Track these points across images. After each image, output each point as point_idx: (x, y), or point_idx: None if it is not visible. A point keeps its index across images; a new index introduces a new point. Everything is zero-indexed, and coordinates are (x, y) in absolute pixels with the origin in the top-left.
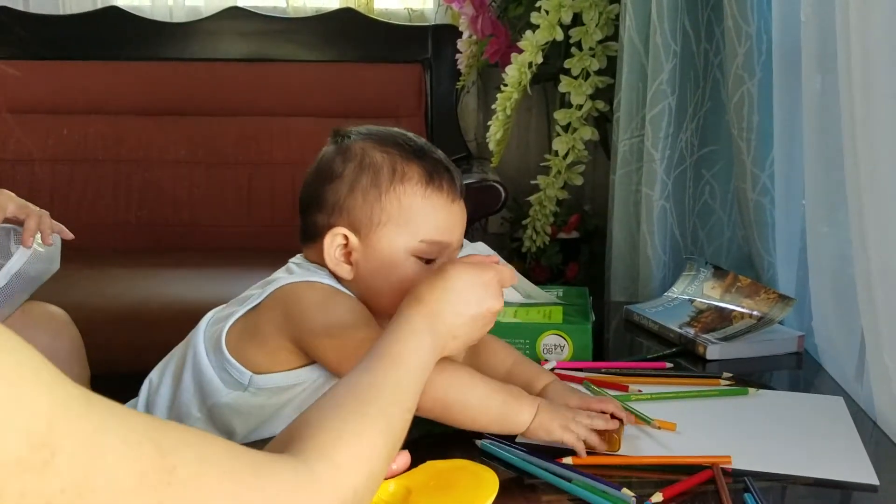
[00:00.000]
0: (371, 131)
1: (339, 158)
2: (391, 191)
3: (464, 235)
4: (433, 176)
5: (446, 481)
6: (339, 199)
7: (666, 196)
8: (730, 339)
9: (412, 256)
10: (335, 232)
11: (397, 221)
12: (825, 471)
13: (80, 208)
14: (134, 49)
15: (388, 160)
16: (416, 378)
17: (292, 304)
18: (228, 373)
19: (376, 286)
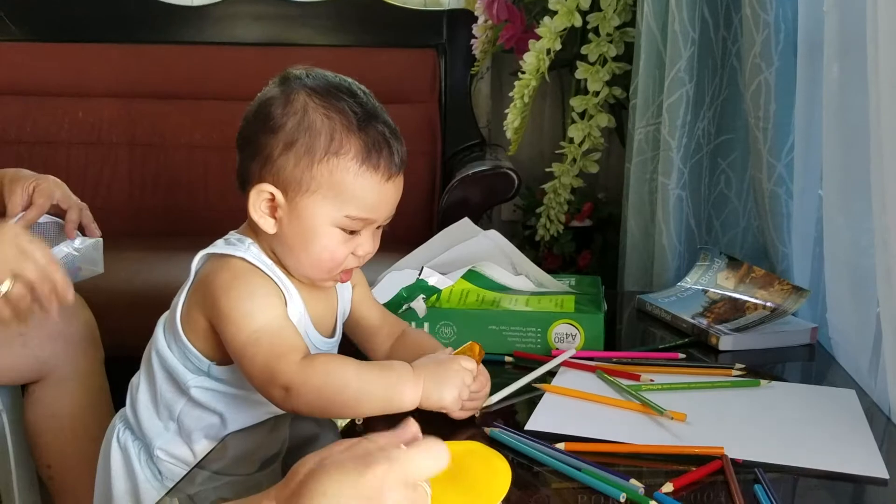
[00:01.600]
0: (319, 82)
1: (281, 107)
2: (324, 161)
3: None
4: (371, 153)
5: (458, 466)
6: (272, 154)
7: (682, 185)
8: (743, 330)
9: (335, 228)
10: (261, 188)
11: (325, 193)
12: (835, 463)
13: (96, 191)
14: (150, 32)
15: (327, 127)
16: None
17: (205, 284)
18: (189, 360)
19: (295, 249)
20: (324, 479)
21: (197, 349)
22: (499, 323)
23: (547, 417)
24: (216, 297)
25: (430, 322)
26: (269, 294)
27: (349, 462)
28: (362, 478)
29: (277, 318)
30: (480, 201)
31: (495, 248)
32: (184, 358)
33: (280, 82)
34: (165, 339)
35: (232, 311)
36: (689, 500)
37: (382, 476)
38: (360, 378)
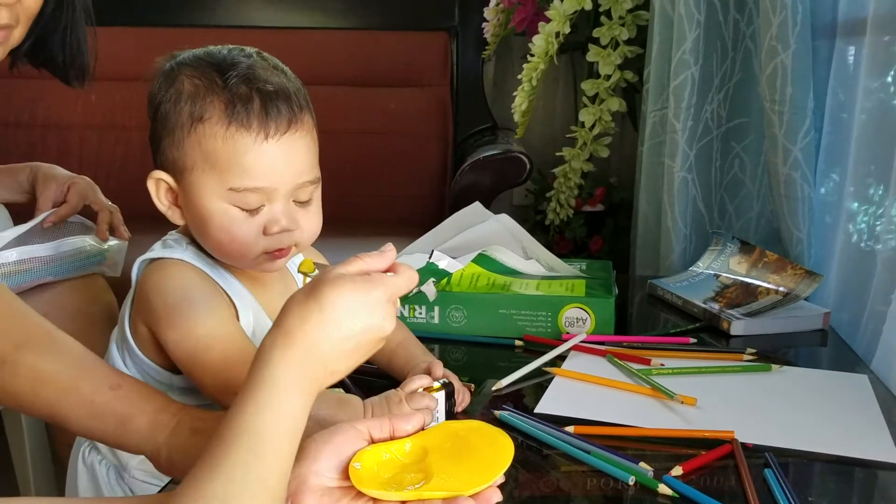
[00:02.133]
0: (202, 54)
1: (160, 87)
2: (192, 132)
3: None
4: (236, 111)
5: (463, 443)
6: (157, 139)
7: (688, 167)
8: (754, 315)
9: (226, 204)
10: (154, 176)
11: (202, 167)
12: (847, 448)
13: (109, 175)
14: (162, 16)
15: (192, 93)
16: (287, 456)
17: (143, 291)
18: (149, 374)
19: (201, 237)
20: (334, 290)
21: (153, 361)
22: (509, 307)
23: (557, 401)
24: (153, 304)
25: (440, 306)
26: (211, 296)
27: (356, 280)
28: (369, 294)
29: (224, 321)
30: (492, 185)
31: (506, 231)
32: (142, 374)
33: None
34: (120, 355)
35: (172, 316)
36: (698, 484)
37: (381, 295)
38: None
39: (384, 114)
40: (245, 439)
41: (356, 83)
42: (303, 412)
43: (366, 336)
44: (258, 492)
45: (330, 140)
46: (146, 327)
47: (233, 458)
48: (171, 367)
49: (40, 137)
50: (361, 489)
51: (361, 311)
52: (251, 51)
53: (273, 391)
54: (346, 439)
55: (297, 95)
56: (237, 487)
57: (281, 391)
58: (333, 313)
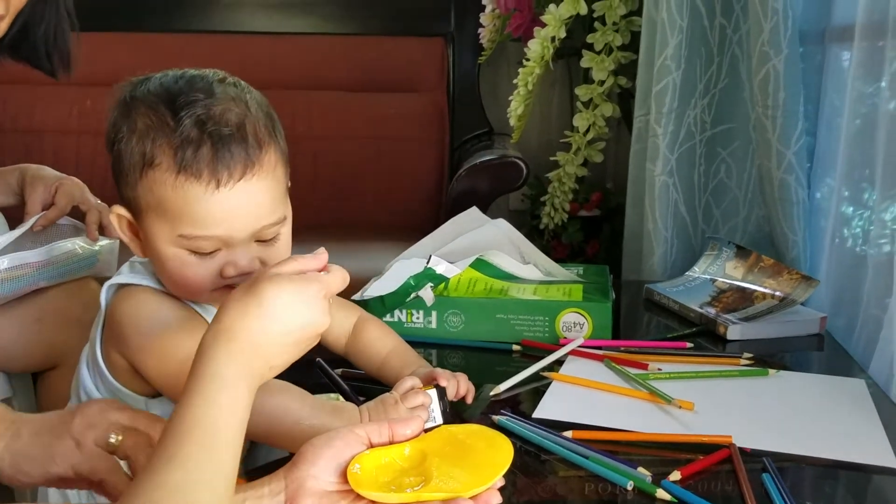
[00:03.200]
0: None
1: (116, 119)
2: (143, 177)
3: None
4: (186, 158)
5: (462, 446)
6: (114, 172)
7: (668, 172)
8: (751, 320)
9: (178, 249)
10: (114, 210)
11: (155, 212)
12: (844, 453)
13: (105, 180)
14: (157, 21)
15: (143, 133)
16: (236, 445)
17: (114, 320)
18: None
19: (162, 275)
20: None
21: (127, 388)
22: (506, 312)
23: (554, 406)
24: (127, 333)
25: (437, 311)
26: (186, 318)
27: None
28: (305, 290)
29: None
30: (488, 190)
31: (503, 236)
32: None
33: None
34: (91, 378)
35: (148, 344)
36: (696, 489)
37: (317, 291)
38: (312, 417)
39: (381, 119)
40: (198, 433)
41: (353, 88)
42: (248, 404)
43: (303, 331)
44: (213, 480)
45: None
46: (120, 355)
47: (186, 451)
48: (145, 393)
49: (36, 143)
50: (360, 492)
51: (299, 306)
52: (212, 77)
53: (220, 385)
54: (345, 443)
55: (258, 131)
56: (193, 477)
57: (229, 385)
58: (272, 308)
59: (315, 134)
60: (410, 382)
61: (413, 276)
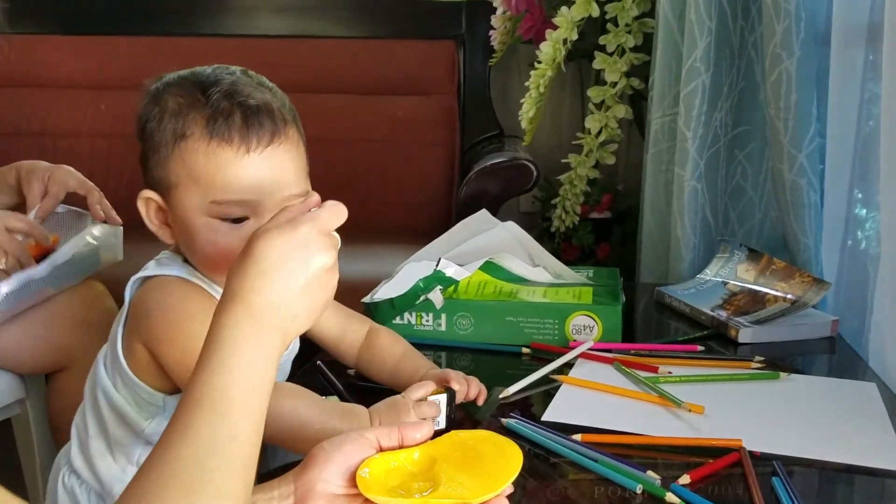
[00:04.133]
0: (187, 74)
1: (146, 108)
2: (175, 148)
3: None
4: (217, 126)
5: (471, 452)
6: (145, 159)
7: (698, 176)
8: (762, 323)
9: (210, 218)
10: (142, 196)
11: (186, 183)
12: (855, 456)
13: (119, 183)
14: (171, 25)
15: (175, 111)
16: (253, 412)
17: (139, 309)
18: (141, 397)
19: (190, 252)
20: (262, 241)
21: (145, 383)
22: (516, 314)
23: (564, 409)
24: (151, 321)
25: (447, 313)
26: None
27: (281, 225)
28: (295, 233)
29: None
30: (499, 193)
31: (513, 239)
32: (134, 396)
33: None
34: (110, 377)
35: (173, 333)
36: (706, 493)
37: (309, 231)
38: (323, 421)
39: (391, 122)
40: (207, 401)
41: (364, 91)
42: (266, 365)
43: (309, 272)
44: (228, 447)
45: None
46: (143, 346)
47: (198, 420)
48: (164, 389)
49: (50, 146)
50: (368, 496)
51: (294, 250)
52: (235, 69)
53: (228, 350)
54: (355, 447)
55: (282, 110)
56: (206, 447)
57: (236, 349)
58: (267, 261)
59: (326, 137)
60: (423, 391)
61: (423, 278)
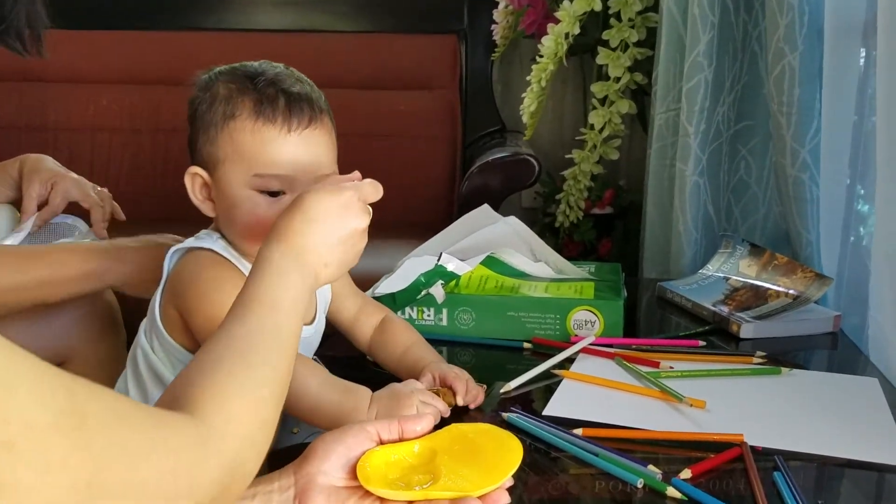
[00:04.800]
0: (237, 66)
1: (198, 95)
2: (224, 127)
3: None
4: (263, 107)
5: (471, 445)
6: (192, 138)
7: (700, 171)
8: (764, 318)
9: (255, 192)
10: (191, 171)
11: (232, 158)
12: (857, 451)
13: (119, 177)
14: (173, 20)
15: (225, 94)
16: (293, 319)
17: (175, 277)
18: (175, 357)
19: (230, 224)
20: (311, 196)
21: (181, 345)
22: (517, 309)
23: (565, 403)
24: (184, 289)
25: (448, 308)
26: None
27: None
28: (340, 195)
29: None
30: (500, 188)
31: (515, 234)
32: (169, 357)
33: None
34: (148, 340)
35: (200, 301)
36: (707, 487)
37: (351, 195)
38: (319, 394)
39: (393, 116)
40: (257, 304)
41: (365, 86)
42: (303, 292)
43: (345, 230)
44: (276, 336)
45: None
46: (177, 312)
47: (249, 314)
48: (194, 349)
49: (52, 140)
50: (369, 488)
51: (337, 209)
52: (279, 64)
53: (277, 272)
54: (356, 440)
55: (319, 101)
56: (257, 330)
57: (284, 273)
58: (313, 213)
59: None
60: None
61: (424, 273)
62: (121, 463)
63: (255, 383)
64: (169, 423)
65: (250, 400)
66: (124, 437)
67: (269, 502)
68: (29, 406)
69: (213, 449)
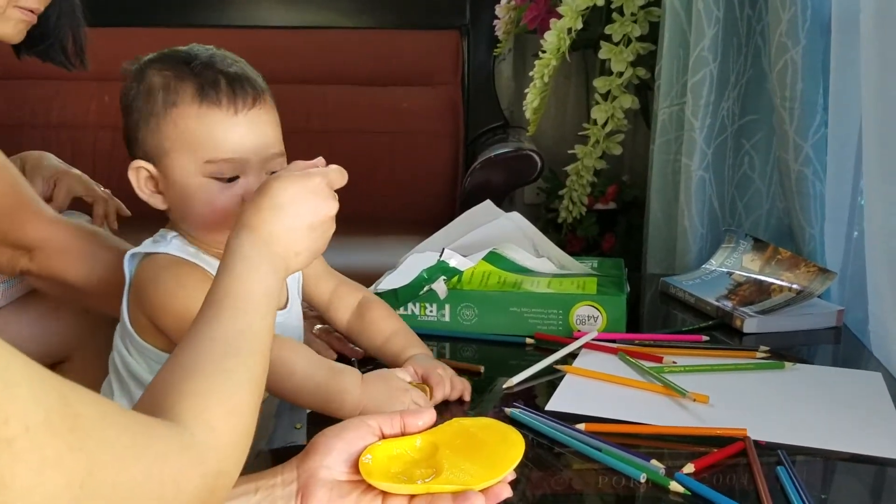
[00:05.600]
0: (165, 52)
1: (131, 86)
2: (167, 116)
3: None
4: (206, 91)
5: (473, 439)
6: (131, 131)
7: (705, 166)
8: (768, 313)
9: (207, 179)
10: (134, 165)
11: (179, 147)
12: (860, 446)
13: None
14: (173, 16)
15: (162, 83)
16: (266, 314)
17: (137, 284)
18: (151, 359)
19: (186, 216)
20: (278, 182)
21: (154, 346)
22: (520, 305)
23: (567, 399)
24: (148, 295)
25: (450, 304)
26: (200, 281)
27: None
28: (308, 180)
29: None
30: (503, 183)
31: (517, 230)
32: (146, 360)
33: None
34: (125, 346)
35: (165, 301)
36: (710, 482)
37: (320, 181)
38: (306, 374)
39: (396, 112)
40: (229, 300)
41: (367, 82)
42: (276, 288)
43: (315, 216)
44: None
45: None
46: (145, 317)
47: (219, 314)
48: (168, 350)
49: (55, 137)
50: (371, 482)
51: (305, 195)
52: (210, 46)
53: (247, 265)
54: (357, 435)
55: (258, 80)
56: (230, 333)
57: (254, 265)
58: (281, 199)
59: (330, 128)
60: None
61: (426, 269)
62: (112, 465)
63: (233, 388)
64: (154, 428)
65: (229, 407)
66: (114, 440)
67: (272, 496)
68: (27, 406)
69: (196, 458)
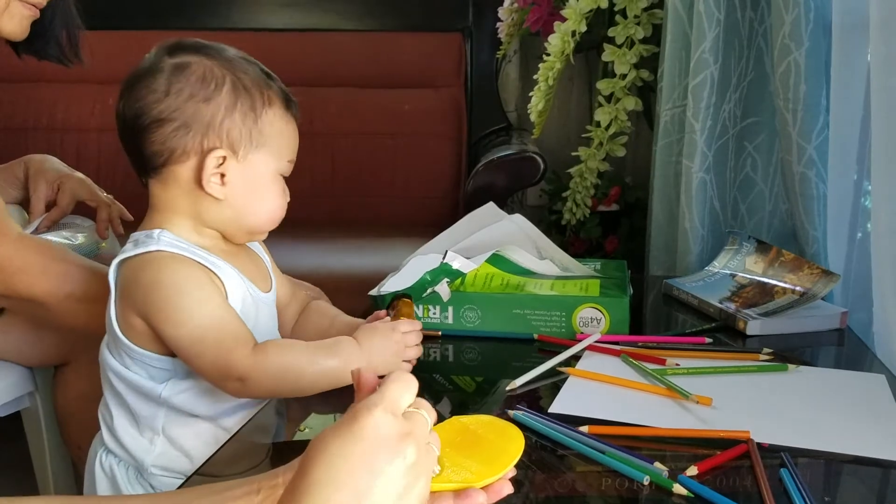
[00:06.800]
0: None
1: (201, 76)
2: (264, 114)
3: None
4: (289, 101)
5: (473, 436)
6: (213, 120)
7: (706, 168)
8: (771, 315)
9: (279, 176)
10: (216, 154)
11: (270, 144)
12: (864, 448)
13: (126, 178)
14: (176, 19)
15: (255, 84)
16: None
17: (132, 287)
18: (151, 365)
19: (248, 206)
20: (322, 446)
21: (152, 351)
22: (523, 307)
23: (571, 401)
24: (146, 298)
25: (454, 306)
26: (201, 285)
27: (339, 426)
28: (356, 427)
29: (216, 308)
30: (506, 186)
31: (520, 232)
32: (145, 368)
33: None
34: (118, 359)
35: (165, 310)
36: (713, 484)
37: (371, 421)
38: (313, 363)
39: (398, 115)
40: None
41: (370, 84)
42: None
43: (382, 481)
44: None
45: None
46: (141, 320)
47: None
48: (165, 353)
49: (59, 141)
50: None
51: (355, 453)
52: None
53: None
54: None
55: None
56: None
57: None
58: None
59: (333, 130)
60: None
61: (429, 271)
62: None
63: None
64: None
65: None
66: None
67: (274, 497)
68: None
69: None
